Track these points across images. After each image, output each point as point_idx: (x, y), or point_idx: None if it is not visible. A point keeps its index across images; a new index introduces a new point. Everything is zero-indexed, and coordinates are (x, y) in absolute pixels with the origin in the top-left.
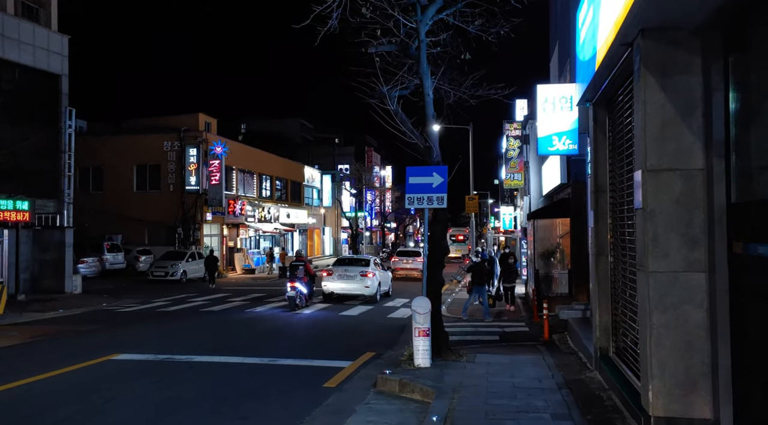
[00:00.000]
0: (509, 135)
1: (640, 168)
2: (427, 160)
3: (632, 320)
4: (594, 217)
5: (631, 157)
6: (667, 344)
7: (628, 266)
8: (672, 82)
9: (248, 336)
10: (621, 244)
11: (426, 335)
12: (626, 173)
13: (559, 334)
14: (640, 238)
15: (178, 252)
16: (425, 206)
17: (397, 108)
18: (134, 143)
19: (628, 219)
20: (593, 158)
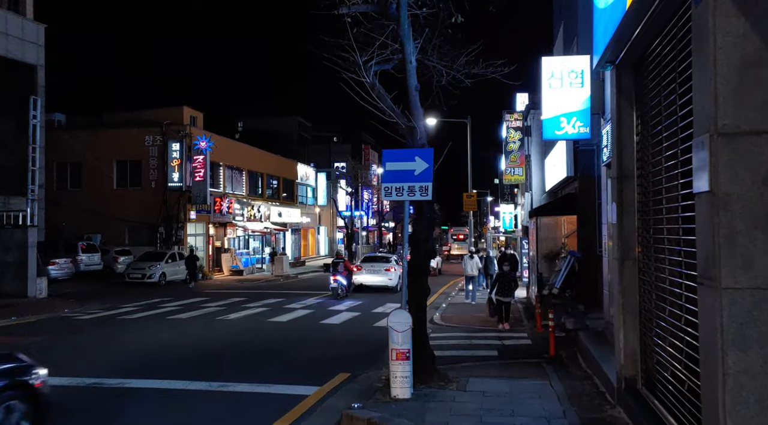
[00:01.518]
0: (509, 126)
1: (706, 132)
2: (410, 142)
3: (676, 347)
4: (617, 211)
5: (672, 129)
6: (750, 399)
7: (668, 275)
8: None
9: (207, 351)
10: (655, 245)
11: (405, 358)
12: (665, 151)
13: (567, 350)
14: (704, 238)
15: (157, 253)
16: (405, 197)
17: (374, 80)
18: (114, 137)
19: (667, 212)
20: (616, 135)
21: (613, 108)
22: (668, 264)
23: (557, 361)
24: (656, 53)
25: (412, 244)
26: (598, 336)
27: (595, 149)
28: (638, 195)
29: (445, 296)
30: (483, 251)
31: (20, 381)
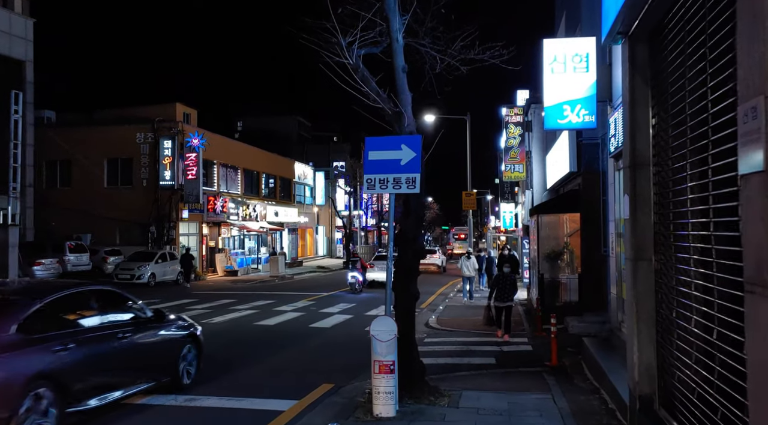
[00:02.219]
0: (509, 122)
1: (754, 96)
2: (397, 129)
3: (704, 365)
4: (630, 204)
5: (700, 103)
6: None
7: (693, 279)
8: None
9: None
10: (676, 243)
11: (389, 371)
12: (690, 131)
13: (571, 358)
14: (755, 233)
15: (147, 253)
16: (390, 190)
17: (357, 62)
18: (105, 134)
19: (693, 204)
20: (629, 118)
21: (626, 87)
22: (694, 266)
23: (560, 371)
24: (678, 17)
25: (399, 243)
26: (605, 342)
27: (599, 143)
28: (655, 186)
29: (443, 297)
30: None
31: (192, 332)
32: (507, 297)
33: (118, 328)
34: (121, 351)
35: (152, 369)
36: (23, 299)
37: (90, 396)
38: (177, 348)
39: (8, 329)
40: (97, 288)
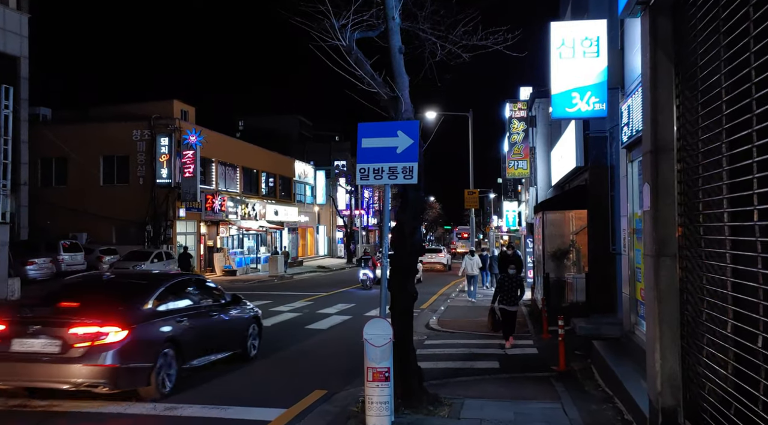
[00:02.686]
0: (513, 117)
1: None
2: (393, 115)
3: (746, 378)
4: (651, 194)
5: (740, 72)
6: None
7: (730, 277)
8: None
9: None
10: (706, 236)
11: (384, 378)
12: (727, 106)
13: (579, 362)
14: None
15: (142, 252)
16: (386, 181)
17: (351, 43)
18: (101, 131)
19: (730, 191)
20: (650, 99)
21: (646, 65)
22: (731, 262)
23: (568, 376)
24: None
25: (395, 239)
26: (617, 346)
27: (607, 136)
28: (679, 174)
29: (445, 297)
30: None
31: (256, 314)
32: (513, 301)
33: (209, 308)
34: (212, 326)
35: (231, 342)
36: (152, 282)
37: (194, 358)
38: (246, 326)
39: (148, 304)
40: (192, 277)
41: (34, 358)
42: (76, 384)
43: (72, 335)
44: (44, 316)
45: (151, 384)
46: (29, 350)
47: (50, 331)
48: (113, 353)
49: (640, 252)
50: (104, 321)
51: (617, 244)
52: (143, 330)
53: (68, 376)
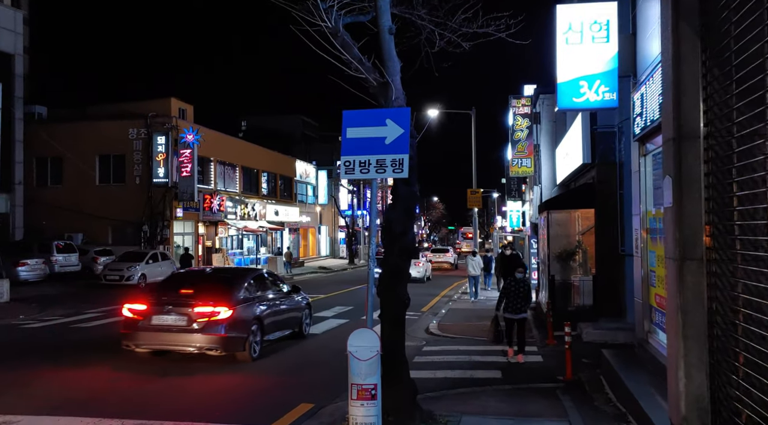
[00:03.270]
0: (516, 113)
1: None
2: (382, 102)
3: None
4: (673, 188)
5: None
6: None
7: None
8: None
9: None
10: (741, 236)
11: (370, 396)
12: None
13: (587, 372)
14: None
15: (138, 253)
16: (373, 175)
17: (337, 25)
18: (96, 130)
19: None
20: (672, 78)
21: (667, 39)
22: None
23: (576, 387)
24: None
25: (385, 239)
26: (628, 355)
27: (616, 132)
28: (707, 165)
29: (446, 299)
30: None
31: (308, 301)
32: (520, 308)
33: (277, 296)
34: (280, 310)
35: (292, 323)
36: (240, 275)
37: (269, 333)
38: (301, 310)
39: (241, 291)
40: (263, 272)
41: (168, 329)
42: (198, 348)
43: (195, 313)
44: (173, 299)
45: (245, 350)
46: (164, 323)
47: (179, 310)
48: (223, 326)
49: (655, 254)
50: (216, 303)
51: (626, 245)
52: (240, 310)
53: (192, 342)
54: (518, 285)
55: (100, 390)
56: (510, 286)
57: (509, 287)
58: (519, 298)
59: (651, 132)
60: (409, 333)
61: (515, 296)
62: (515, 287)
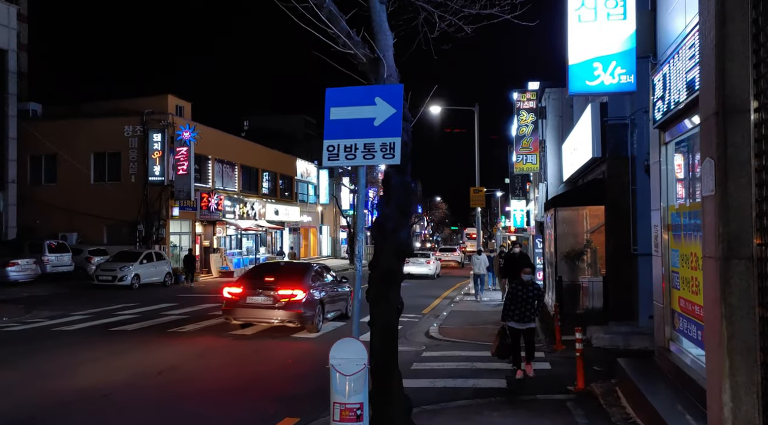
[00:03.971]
0: (521, 108)
1: None
2: (372, 80)
3: None
4: (716, 173)
5: None
6: None
7: None
8: None
9: (123, 385)
10: None
11: (356, 418)
12: None
13: (600, 381)
14: None
15: (131, 253)
16: (360, 162)
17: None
18: (91, 127)
19: None
20: (716, 39)
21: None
22: None
23: (589, 399)
24: None
25: (376, 238)
26: (647, 365)
27: (628, 124)
28: (758, 144)
29: (449, 300)
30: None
31: (350, 288)
32: (528, 316)
33: (330, 284)
34: (333, 295)
35: (340, 306)
36: (308, 267)
37: (327, 313)
38: (347, 296)
39: (309, 279)
40: (319, 265)
41: (258, 306)
42: (280, 321)
43: (279, 295)
44: (261, 284)
45: (313, 324)
46: (255, 302)
47: (266, 292)
48: (300, 305)
49: (678, 253)
50: (294, 288)
51: (639, 244)
52: (310, 293)
53: (276, 317)
54: (526, 289)
55: None
56: (516, 291)
57: (515, 292)
58: (527, 304)
59: (674, 117)
60: (407, 336)
61: (523, 302)
62: (523, 291)
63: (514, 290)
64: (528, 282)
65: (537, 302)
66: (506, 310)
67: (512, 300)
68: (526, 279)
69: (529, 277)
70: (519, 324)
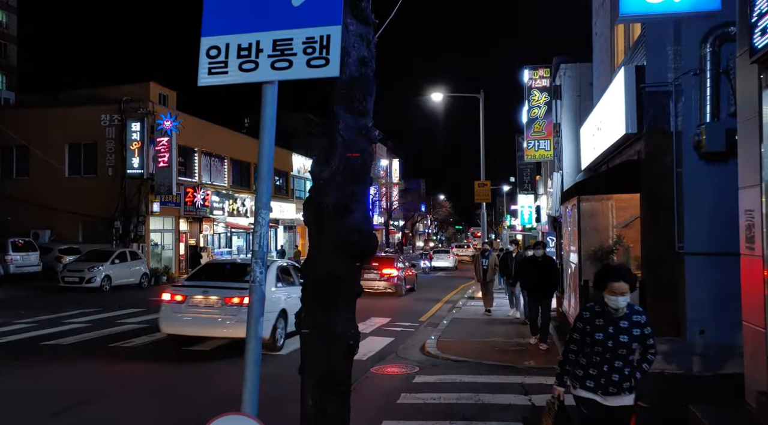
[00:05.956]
0: (533, 87)
1: None
2: None
3: None
4: None
5: None
6: None
7: None
8: None
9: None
10: None
11: None
12: None
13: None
14: None
15: (103, 251)
16: (268, 74)
17: None
18: (66, 117)
19: None
20: None
21: None
22: None
23: None
24: None
25: (310, 222)
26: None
27: (671, 91)
28: None
29: (450, 305)
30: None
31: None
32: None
33: (405, 267)
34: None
35: (411, 281)
36: (396, 256)
37: (407, 284)
38: (415, 275)
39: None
40: (400, 255)
41: (372, 280)
42: (383, 289)
43: (382, 272)
44: (372, 266)
45: (401, 290)
46: (370, 277)
47: (375, 271)
48: (395, 280)
49: None
50: (390, 268)
51: (687, 240)
52: (399, 272)
53: (381, 286)
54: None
55: None
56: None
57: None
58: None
59: None
60: (399, 353)
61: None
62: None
63: (588, 323)
64: (620, 310)
65: (646, 355)
66: (569, 361)
67: (582, 342)
68: (620, 305)
69: (625, 301)
70: (602, 397)
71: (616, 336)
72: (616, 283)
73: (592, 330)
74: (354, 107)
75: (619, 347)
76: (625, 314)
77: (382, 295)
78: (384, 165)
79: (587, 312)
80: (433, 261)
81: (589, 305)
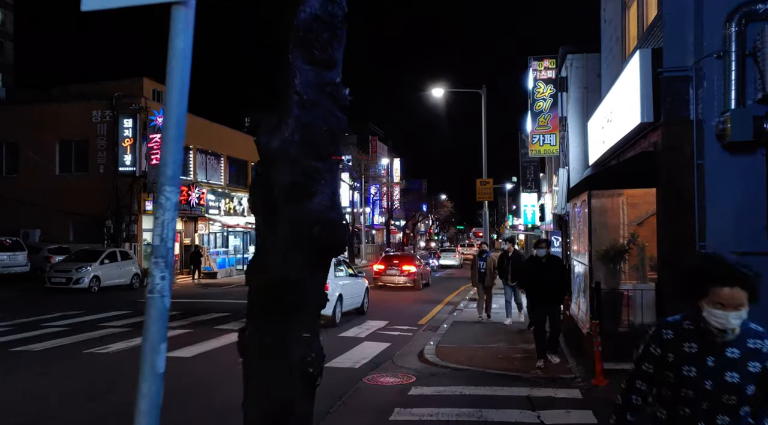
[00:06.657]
0: (538, 78)
1: None
2: None
3: None
4: None
5: None
6: None
7: None
8: None
9: None
10: None
11: None
12: None
13: None
14: None
15: (92, 251)
16: None
17: None
18: (57, 113)
19: None
20: None
21: None
22: None
23: None
24: None
25: (257, 208)
26: None
27: (691, 76)
28: None
29: (451, 307)
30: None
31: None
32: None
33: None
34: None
35: (427, 277)
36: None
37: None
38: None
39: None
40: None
41: (394, 275)
42: (403, 283)
43: (403, 269)
44: (394, 264)
45: (420, 285)
46: (391, 273)
47: (396, 268)
48: (413, 275)
49: None
50: (410, 265)
51: (709, 238)
52: (418, 268)
53: (401, 281)
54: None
55: None
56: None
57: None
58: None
59: None
60: (395, 360)
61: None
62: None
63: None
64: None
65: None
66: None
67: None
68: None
69: (739, 319)
70: None
71: (720, 372)
72: (728, 289)
73: (677, 360)
74: (315, 56)
75: (724, 390)
76: (736, 337)
77: (402, 289)
78: (385, 164)
79: (670, 331)
80: (440, 259)
81: (673, 319)
